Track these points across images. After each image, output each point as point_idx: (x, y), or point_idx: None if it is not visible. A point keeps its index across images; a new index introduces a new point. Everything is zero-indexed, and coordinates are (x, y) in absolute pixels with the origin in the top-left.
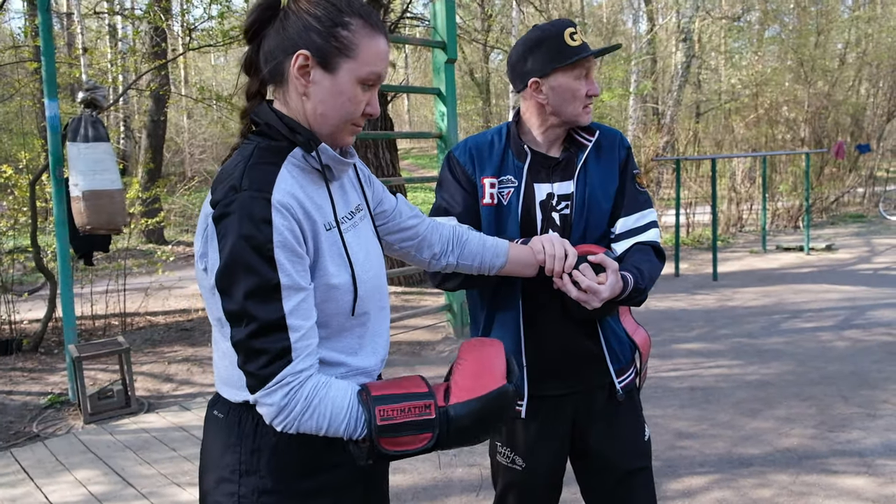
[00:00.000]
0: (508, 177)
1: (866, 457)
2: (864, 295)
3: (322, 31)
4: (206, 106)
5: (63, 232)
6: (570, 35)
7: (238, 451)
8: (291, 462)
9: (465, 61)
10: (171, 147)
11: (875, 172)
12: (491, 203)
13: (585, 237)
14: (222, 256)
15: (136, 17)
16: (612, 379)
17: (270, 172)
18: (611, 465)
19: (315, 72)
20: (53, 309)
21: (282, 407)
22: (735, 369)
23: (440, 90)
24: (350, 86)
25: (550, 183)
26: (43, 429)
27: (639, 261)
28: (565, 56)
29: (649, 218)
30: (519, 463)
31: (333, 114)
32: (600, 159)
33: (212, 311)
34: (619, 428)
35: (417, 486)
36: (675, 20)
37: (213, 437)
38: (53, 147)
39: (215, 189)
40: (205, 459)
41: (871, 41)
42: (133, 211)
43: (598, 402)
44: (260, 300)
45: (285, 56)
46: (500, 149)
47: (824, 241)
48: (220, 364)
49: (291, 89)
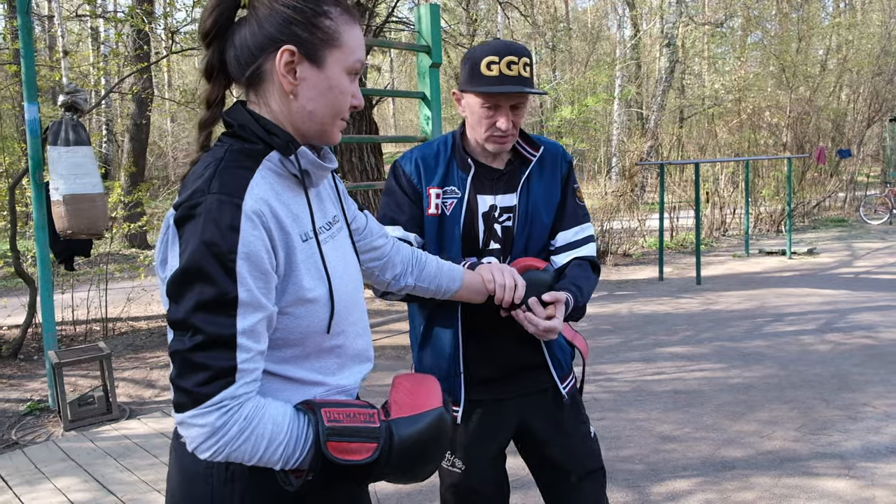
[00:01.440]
0: (452, 188)
1: (847, 459)
2: (846, 298)
3: (304, 22)
4: (189, 110)
5: (43, 236)
6: (488, 64)
7: (210, 483)
8: (268, 490)
9: (451, 65)
10: (154, 151)
11: (856, 177)
12: (435, 213)
13: (527, 249)
14: (181, 261)
15: (118, 20)
16: (557, 384)
17: (243, 177)
18: (565, 469)
19: (302, 67)
20: (33, 314)
21: (216, 429)
22: (718, 373)
23: (425, 94)
24: (339, 78)
25: (494, 195)
26: (22, 436)
27: (577, 277)
28: (473, 83)
29: (587, 232)
30: (458, 465)
31: (325, 110)
32: (543, 173)
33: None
34: (567, 430)
35: (401, 492)
36: (658, 26)
37: (179, 467)
38: (33, 151)
39: (181, 191)
40: (171, 491)
41: (852, 47)
42: (115, 215)
43: (541, 406)
44: (212, 312)
45: (265, 54)
46: (445, 159)
47: (806, 245)
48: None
49: (273, 89)
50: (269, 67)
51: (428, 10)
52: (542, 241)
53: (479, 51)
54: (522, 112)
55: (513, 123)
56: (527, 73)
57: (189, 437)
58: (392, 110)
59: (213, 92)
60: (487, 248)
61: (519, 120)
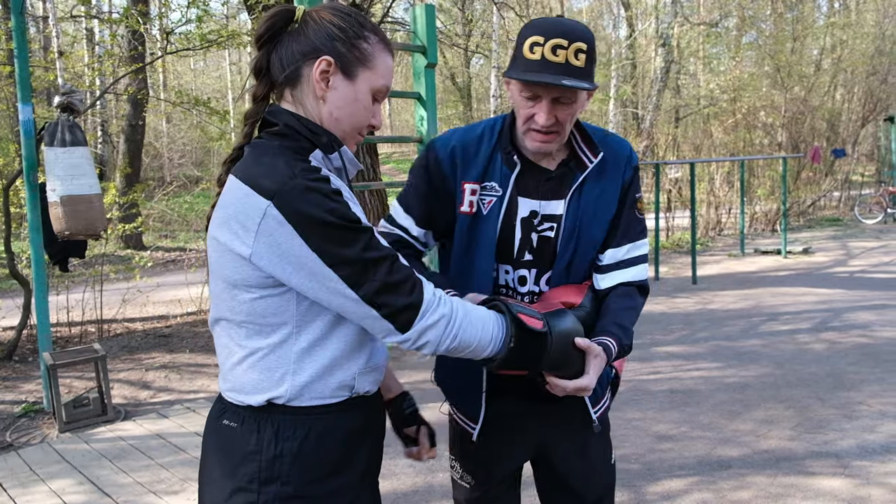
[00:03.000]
0: (493, 184)
1: (843, 458)
2: (841, 297)
3: (346, 40)
4: (184, 110)
5: (38, 238)
6: (531, 46)
7: (258, 459)
8: (312, 466)
9: (446, 66)
10: (149, 152)
11: (850, 177)
12: (469, 212)
13: (571, 266)
14: (314, 237)
15: (113, 21)
16: (588, 408)
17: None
18: (575, 494)
19: (335, 78)
20: (28, 316)
21: (448, 316)
22: (714, 372)
23: (420, 94)
24: (365, 94)
25: (537, 200)
26: (17, 438)
27: (620, 312)
28: (512, 65)
29: (641, 251)
30: (467, 480)
31: (348, 119)
32: (602, 178)
33: (231, 307)
34: (591, 459)
35: (398, 492)
36: (654, 26)
37: (223, 448)
38: (27, 152)
39: (256, 183)
40: (212, 471)
41: (846, 47)
42: (110, 216)
43: (566, 431)
44: (374, 248)
45: (305, 60)
46: (489, 148)
47: (801, 245)
48: (232, 371)
49: (307, 92)
50: (307, 72)
51: (423, 10)
52: (588, 257)
53: (528, 28)
54: (573, 108)
55: (556, 119)
56: (578, 62)
57: (430, 340)
58: (388, 110)
59: (259, 89)
60: (522, 259)
61: (566, 116)
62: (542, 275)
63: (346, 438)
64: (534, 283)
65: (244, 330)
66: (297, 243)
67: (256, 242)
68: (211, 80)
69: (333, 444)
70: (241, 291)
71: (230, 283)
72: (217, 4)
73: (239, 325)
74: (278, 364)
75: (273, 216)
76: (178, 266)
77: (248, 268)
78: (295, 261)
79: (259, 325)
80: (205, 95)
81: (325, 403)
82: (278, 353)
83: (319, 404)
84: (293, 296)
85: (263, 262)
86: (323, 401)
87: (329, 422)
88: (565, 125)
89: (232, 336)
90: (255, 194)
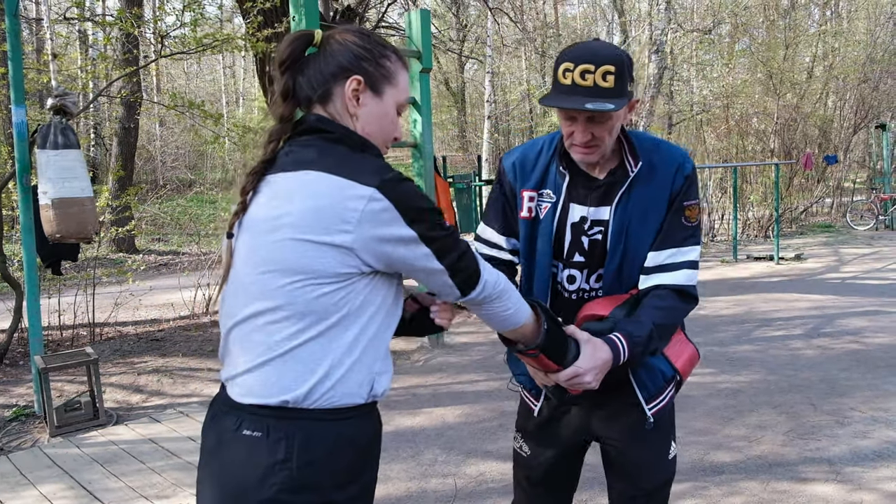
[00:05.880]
0: (548, 191)
1: (835, 464)
2: (833, 303)
3: (371, 59)
4: (178, 114)
5: (30, 240)
6: (564, 72)
7: (289, 468)
8: (343, 468)
9: (441, 71)
10: (142, 155)
11: (842, 183)
12: (528, 216)
13: (622, 268)
14: (416, 220)
15: (107, 24)
16: (642, 405)
17: None
18: (632, 484)
19: (364, 95)
20: (19, 319)
21: (491, 271)
22: (707, 377)
23: (415, 99)
24: (392, 109)
25: (586, 206)
26: (7, 442)
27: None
28: (551, 91)
29: (686, 256)
30: (525, 450)
31: (378, 133)
32: (650, 185)
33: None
34: (644, 448)
35: (391, 496)
36: (647, 32)
37: (247, 459)
38: (20, 154)
39: (354, 175)
40: (232, 484)
41: (838, 55)
42: (103, 219)
43: (623, 423)
44: (447, 227)
45: (335, 80)
46: (546, 160)
47: (794, 251)
48: (260, 373)
49: (341, 109)
50: (338, 91)
51: (418, 15)
52: (639, 260)
53: (562, 56)
54: (609, 124)
55: (592, 135)
56: (606, 83)
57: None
58: None
59: (286, 110)
60: (571, 260)
61: (603, 132)
62: (592, 274)
63: (368, 444)
64: (584, 282)
65: (300, 322)
66: (400, 224)
67: (359, 228)
68: (205, 84)
69: (358, 450)
70: (311, 283)
71: (298, 272)
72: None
73: (293, 317)
74: (325, 355)
75: (378, 200)
76: (170, 270)
77: (336, 257)
78: (397, 240)
79: (318, 316)
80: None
81: (352, 405)
82: (328, 345)
83: (348, 405)
84: (355, 289)
85: (360, 246)
86: (351, 400)
87: (355, 426)
88: (604, 139)
89: (277, 331)
90: (357, 184)
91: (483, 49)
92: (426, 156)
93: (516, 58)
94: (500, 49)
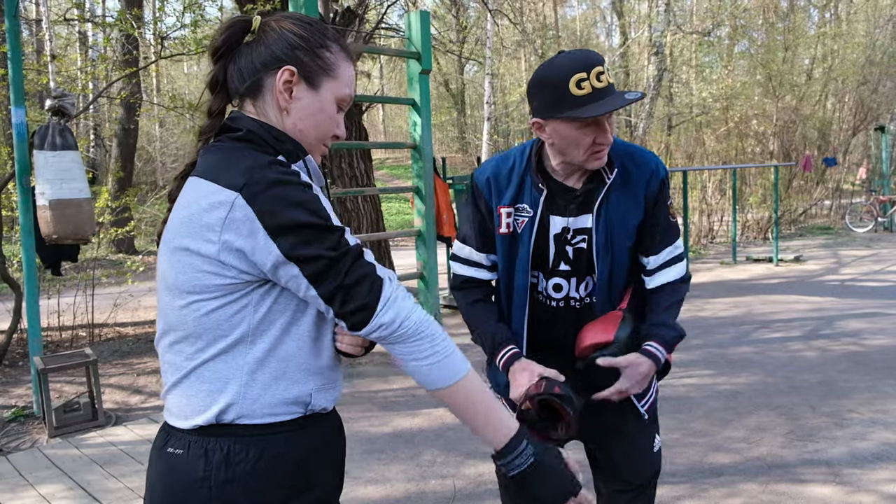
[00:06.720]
0: (524, 205)
1: (834, 466)
2: (832, 305)
3: (308, 49)
4: (178, 115)
5: (29, 241)
6: (578, 83)
7: (208, 486)
8: (267, 490)
9: (440, 72)
10: (142, 156)
11: (841, 185)
12: (507, 232)
13: (613, 276)
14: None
15: (107, 25)
16: (635, 404)
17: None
18: (623, 480)
19: (298, 88)
20: (19, 320)
21: (405, 307)
22: (706, 379)
23: (415, 101)
24: (330, 104)
25: (566, 217)
26: (6, 443)
27: (662, 313)
28: (567, 107)
29: (679, 249)
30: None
31: (312, 130)
32: (627, 190)
33: (183, 319)
34: (634, 443)
35: (390, 498)
36: (647, 34)
37: (169, 477)
38: (20, 155)
39: (220, 178)
40: (157, 501)
41: (837, 57)
42: (102, 220)
43: (614, 418)
44: (340, 248)
45: (266, 71)
46: (520, 174)
47: (793, 253)
48: (178, 389)
49: (270, 103)
50: (269, 83)
51: (418, 16)
52: (626, 263)
53: (558, 69)
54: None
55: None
56: (612, 80)
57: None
58: (382, 116)
59: (214, 103)
60: (557, 269)
61: (613, 128)
62: (581, 282)
63: (303, 460)
64: (574, 290)
65: (196, 342)
66: (262, 237)
67: (223, 237)
68: (204, 85)
69: (289, 466)
70: (197, 301)
71: (185, 291)
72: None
73: (189, 337)
74: (231, 374)
75: (240, 207)
76: None
77: (211, 269)
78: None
79: (213, 335)
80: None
81: (280, 421)
82: (231, 362)
83: (274, 422)
84: (250, 302)
85: (230, 258)
86: (277, 417)
87: (284, 442)
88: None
89: (180, 351)
90: (221, 189)
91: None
92: (426, 157)
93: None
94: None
